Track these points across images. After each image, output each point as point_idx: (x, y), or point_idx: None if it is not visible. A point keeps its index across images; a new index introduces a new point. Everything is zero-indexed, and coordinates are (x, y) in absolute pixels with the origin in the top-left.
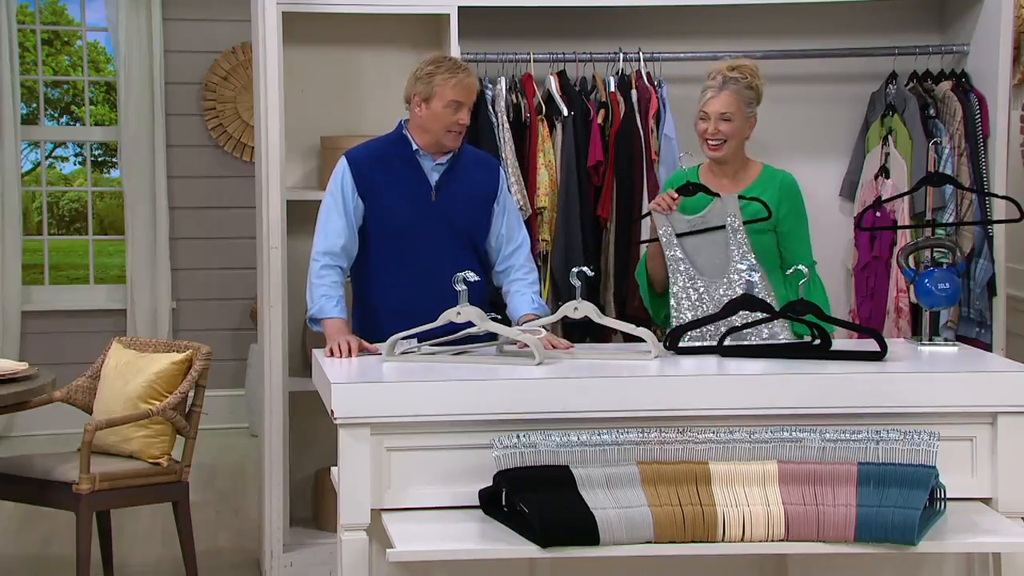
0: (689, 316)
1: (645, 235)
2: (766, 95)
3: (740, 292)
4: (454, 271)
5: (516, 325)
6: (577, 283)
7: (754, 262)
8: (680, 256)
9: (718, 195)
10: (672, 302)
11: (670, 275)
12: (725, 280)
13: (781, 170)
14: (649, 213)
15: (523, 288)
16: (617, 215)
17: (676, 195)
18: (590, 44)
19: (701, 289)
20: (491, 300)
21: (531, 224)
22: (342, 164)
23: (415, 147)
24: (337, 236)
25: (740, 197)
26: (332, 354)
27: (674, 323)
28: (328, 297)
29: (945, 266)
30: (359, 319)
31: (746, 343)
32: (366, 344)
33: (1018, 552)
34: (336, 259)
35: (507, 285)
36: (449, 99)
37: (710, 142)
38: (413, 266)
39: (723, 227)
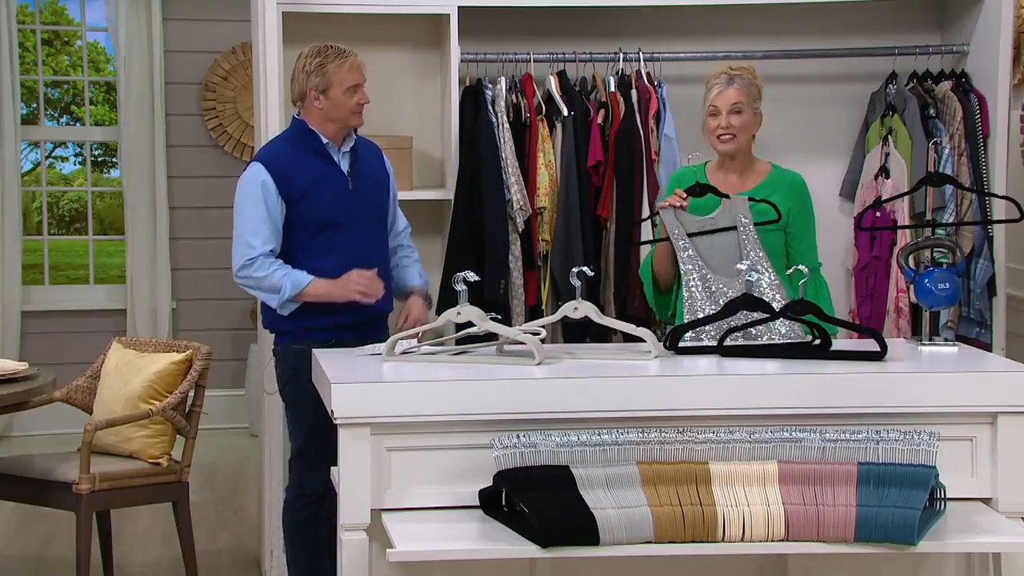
0: (707, 313)
1: (646, 235)
2: (766, 95)
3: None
4: (378, 255)
5: (403, 295)
6: (577, 283)
7: (760, 260)
8: (693, 255)
9: (727, 196)
10: (687, 301)
11: (684, 274)
12: (739, 282)
13: (791, 170)
14: (656, 213)
15: (411, 263)
16: (617, 215)
17: (686, 194)
18: (590, 44)
19: (715, 289)
20: (490, 301)
21: (531, 224)
22: (256, 170)
23: (325, 140)
24: (266, 241)
25: (749, 199)
26: (367, 296)
27: (688, 320)
28: (288, 271)
29: (945, 266)
30: (289, 315)
31: (744, 343)
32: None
33: (1018, 552)
34: (271, 255)
35: (395, 260)
36: (347, 84)
37: (722, 136)
38: (341, 255)
39: (734, 228)
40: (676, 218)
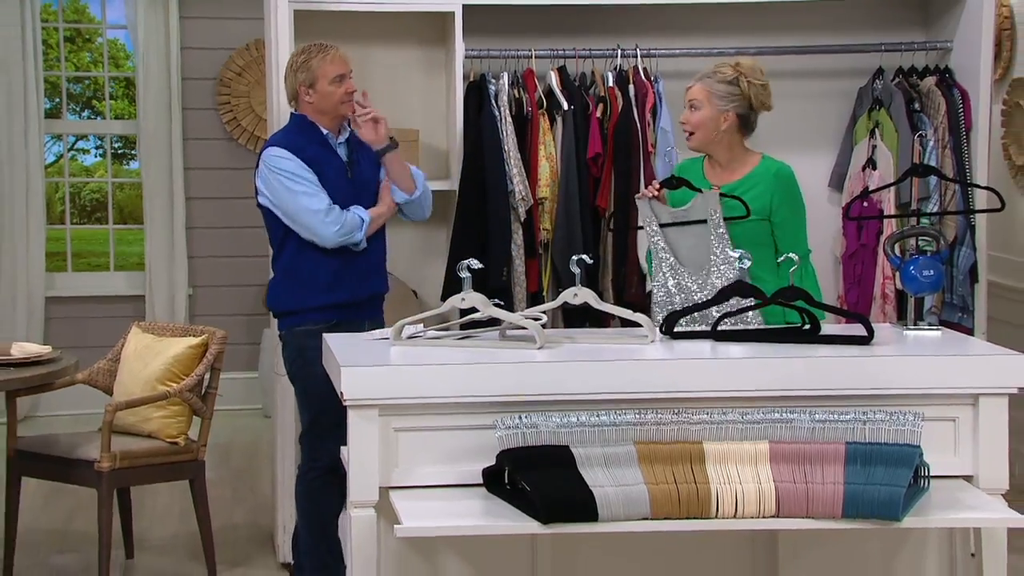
0: (668, 304)
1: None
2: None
3: (718, 284)
4: (375, 238)
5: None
6: (577, 270)
7: (726, 253)
8: (663, 245)
9: (700, 191)
10: (652, 289)
11: (653, 263)
12: (704, 272)
13: (779, 161)
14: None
15: None
16: (615, 205)
17: (660, 186)
18: (589, 41)
19: (683, 279)
20: (493, 288)
21: (532, 214)
22: (276, 152)
23: (325, 132)
24: (322, 198)
25: (722, 194)
26: (368, 115)
27: (654, 308)
28: (351, 210)
29: (929, 254)
30: (285, 289)
31: (739, 328)
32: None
33: (998, 528)
34: (333, 206)
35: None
36: (332, 75)
37: (684, 130)
38: None
39: (704, 221)
40: (651, 208)
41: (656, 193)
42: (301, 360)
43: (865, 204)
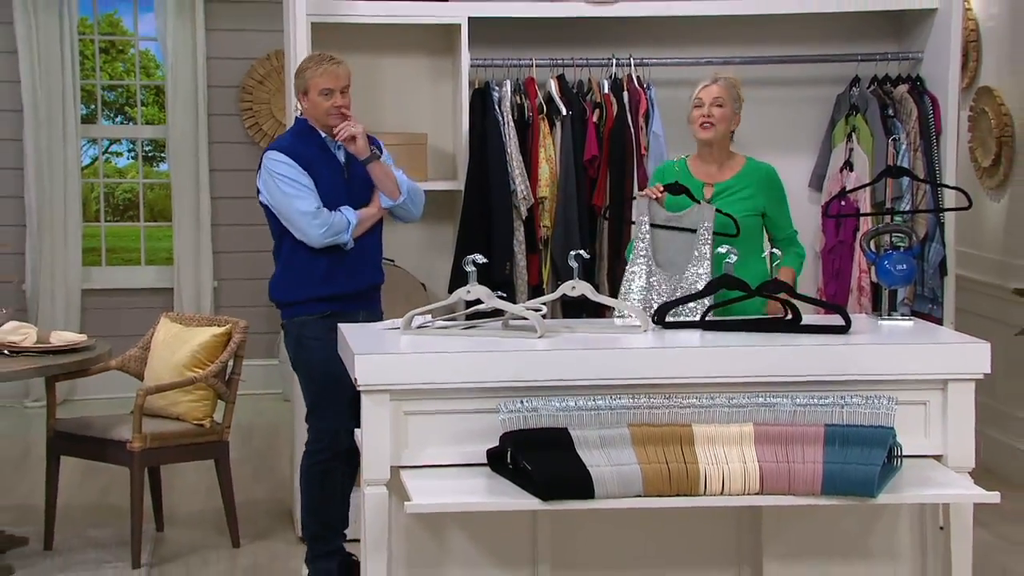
0: (636, 299)
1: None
2: (745, 97)
3: (688, 290)
4: (371, 235)
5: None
6: (575, 265)
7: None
8: (644, 246)
9: (699, 202)
10: (624, 281)
11: (631, 259)
12: (677, 277)
13: (763, 162)
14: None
15: None
16: (611, 204)
17: (663, 188)
18: (587, 51)
19: (655, 281)
20: (496, 281)
21: (533, 212)
22: (274, 156)
23: (323, 135)
24: (312, 200)
25: (717, 210)
26: (349, 125)
27: (620, 299)
28: (339, 212)
29: (902, 249)
30: (283, 281)
31: (727, 319)
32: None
33: (965, 503)
34: (322, 209)
35: None
36: (320, 87)
37: (703, 124)
38: None
39: (693, 231)
40: (648, 207)
41: (659, 195)
42: (299, 347)
43: (843, 203)
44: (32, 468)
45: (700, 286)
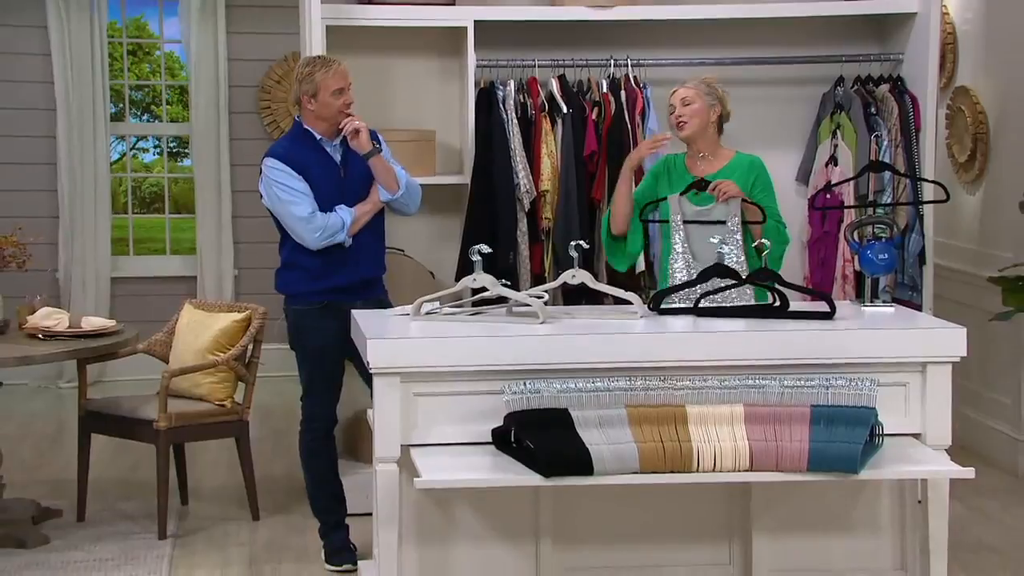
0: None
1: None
2: (736, 96)
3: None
4: (369, 231)
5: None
6: (575, 254)
7: (738, 251)
8: (683, 237)
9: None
10: (667, 277)
11: (671, 254)
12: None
13: (750, 154)
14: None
15: None
16: (609, 197)
17: (667, 136)
18: (586, 52)
19: (695, 273)
20: (501, 270)
21: (536, 204)
22: (270, 163)
23: (319, 137)
24: (307, 204)
25: (744, 201)
26: (354, 123)
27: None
28: (334, 212)
29: (884, 240)
30: (285, 275)
31: (718, 305)
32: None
33: (942, 478)
34: (317, 211)
35: None
36: (332, 88)
37: (678, 123)
38: None
39: (724, 223)
40: (679, 205)
41: (664, 142)
42: (296, 333)
43: (828, 196)
44: (65, 445)
45: (733, 260)
